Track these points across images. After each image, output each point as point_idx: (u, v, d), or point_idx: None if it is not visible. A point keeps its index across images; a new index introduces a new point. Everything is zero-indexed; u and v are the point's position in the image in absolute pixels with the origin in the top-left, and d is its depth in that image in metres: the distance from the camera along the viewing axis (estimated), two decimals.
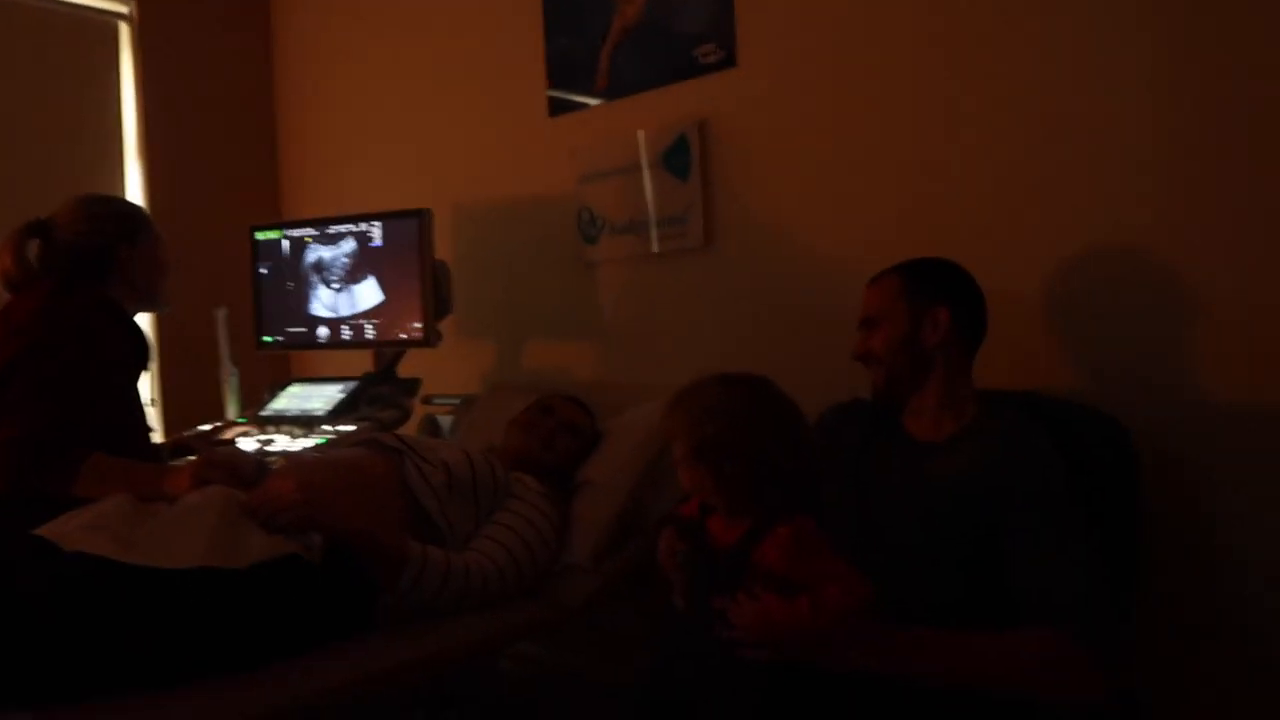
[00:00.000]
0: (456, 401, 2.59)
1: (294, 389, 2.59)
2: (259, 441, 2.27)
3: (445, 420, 2.59)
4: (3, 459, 1.61)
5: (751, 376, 1.32)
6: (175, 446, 2.10)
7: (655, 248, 2.29)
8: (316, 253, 2.58)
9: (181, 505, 1.47)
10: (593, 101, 2.42)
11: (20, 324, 1.76)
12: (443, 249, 2.52)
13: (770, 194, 2.11)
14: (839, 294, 1.98)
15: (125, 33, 3.01)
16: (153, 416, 2.13)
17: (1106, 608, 1.25)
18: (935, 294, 1.50)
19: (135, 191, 2.99)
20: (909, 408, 1.51)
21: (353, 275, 2.54)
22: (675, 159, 2.24)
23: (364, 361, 2.64)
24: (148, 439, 1.93)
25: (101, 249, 1.87)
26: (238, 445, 2.22)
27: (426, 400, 2.64)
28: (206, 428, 2.44)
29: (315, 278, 2.58)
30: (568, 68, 2.47)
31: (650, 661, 1.33)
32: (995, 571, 1.32)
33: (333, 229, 2.56)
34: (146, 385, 2.04)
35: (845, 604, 1.18)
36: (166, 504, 1.52)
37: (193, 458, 1.81)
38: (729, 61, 2.14)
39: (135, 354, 1.86)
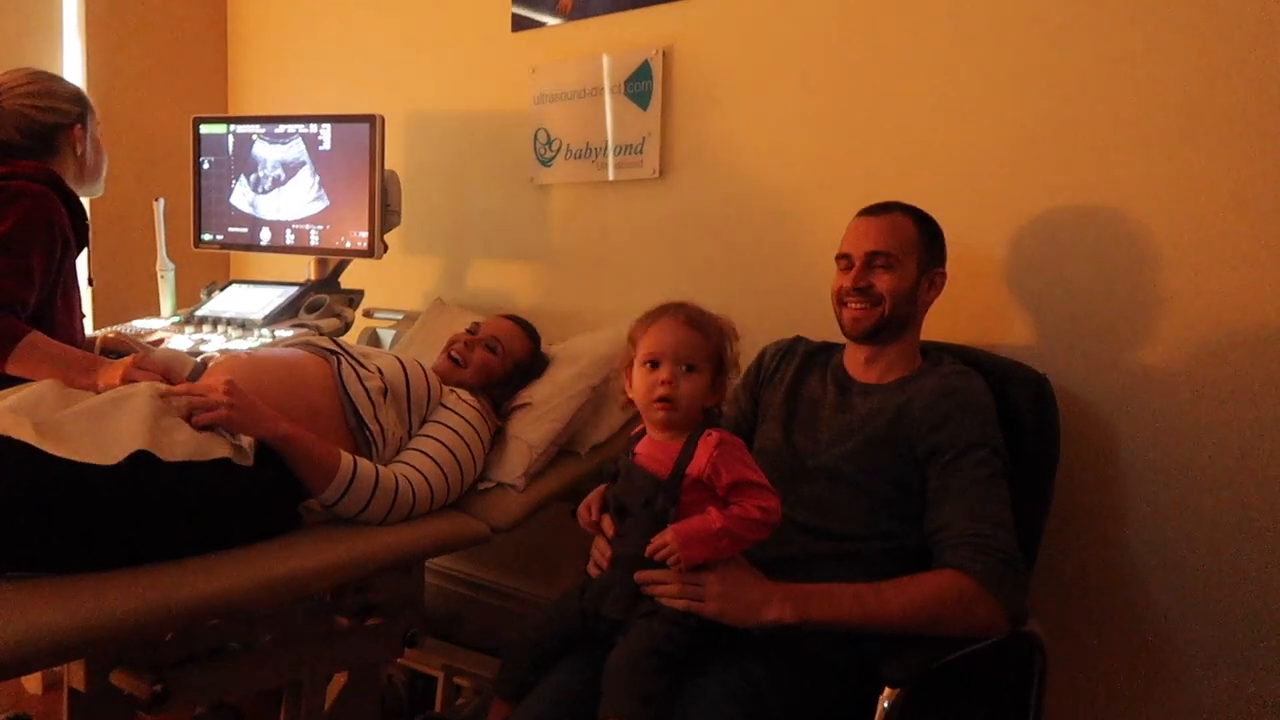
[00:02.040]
0: (399, 316, 2.57)
1: (233, 290, 2.54)
2: (194, 340, 2.23)
3: (387, 335, 2.57)
4: None
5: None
6: (106, 349, 2.06)
7: (610, 175, 2.28)
8: (265, 151, 2.51)
9: (108, 396, 1.44)
10: (556, 21, 2.37)
11: None
12: (392, 159, 2.47)
13: (729, 129, 2.10)
14: (791, 233, 2.01)
15: None
16: (87, 299, 2.08)
17: (1016, 553, 1.31)
18: (940, 253, 1.53)
19: (74, 69, 2.86)
20: (863, 353, 1.53)
21: (281, 180, 2.48)
22: (637, 86, 2.21)
23: (304, 268, 2.60)
24: (81, 323, 1.90)
25: (56, 126, 1.83)
26: (171, 346, 2.18)
27: (368, 314, 2.61)
28: (140, 324, 2.39)
29: (270, 177, 2.51)
30: None
31: (578, 589, 1.36)
32: (909, 499, 1.39)
33: (281, 128, 2.49)
34: (83, 266, 1.99)
35: (749, 514, 1.24)
36: (94, 393, 1.49)
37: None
38: None
39: (76, 228, 1.82)
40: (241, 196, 2.54)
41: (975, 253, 1.74)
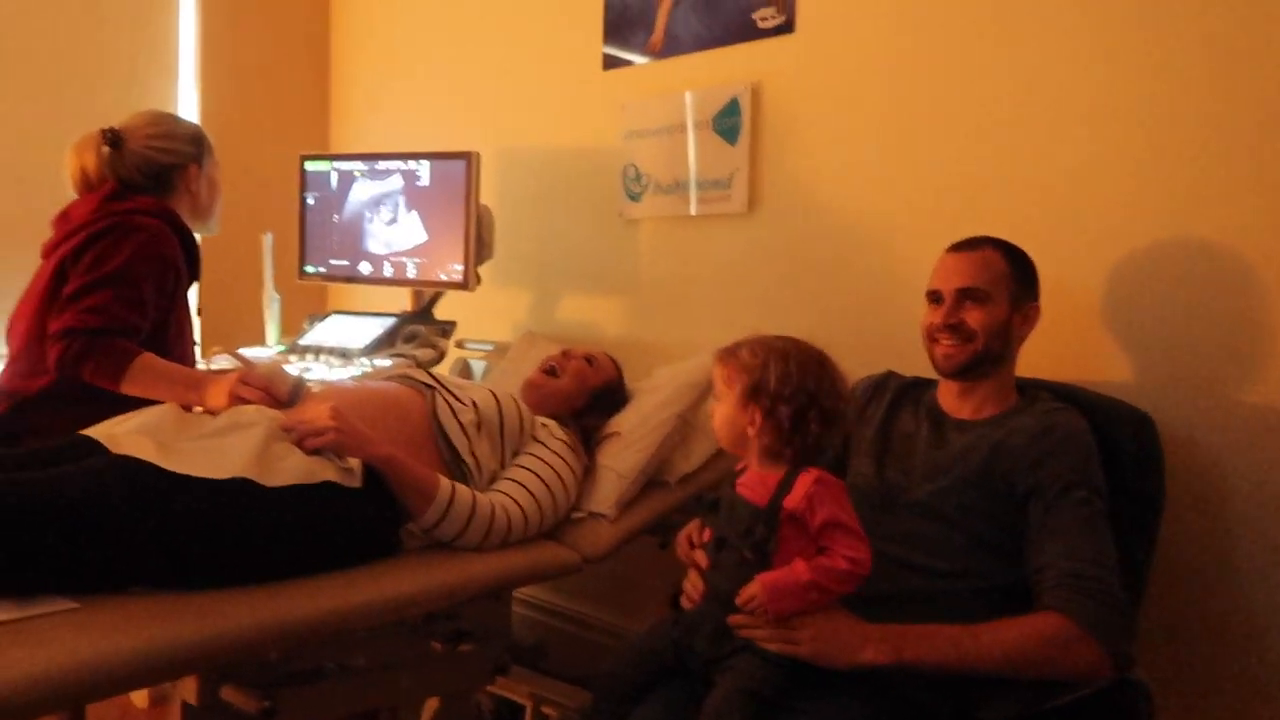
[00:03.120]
0: (489, 347, 2.63)
1: (333, 320, 2.63)
2: (299, 369, 2.32)
3: (478, 365, 2.63)
4: (56, 349, 1.67)
5: (786, 336, 1.37)
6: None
7: (698, 210, 2.30)
8: (367, 188, 2.61)
9: (225, 420, 1.51)
10: (647, 60, 2.42)
11: (80, 221, 1.82)
12: (486, 194, 2.54)
13: (818, 165, 2.11)
14: (880, 271, 2.00)
15: None
16: (197, 327, 2.19)
17: (1118, 595, 1.27)
18: (1033, 287, 1.51)
19: (190, 111, 3.03)
20: (957, 388, 1.52)
21: (393, 219, 2.57)
22: (725, 122, 2.24)
23: (398, 299, 2.68)
24: (192, 349, 1.99)
25: (173, 166, 1.94)
26: (279, 365, 2.27)
27: (460, 344, 2.68)
28: (246, 352, 2.49)
29: (371, 212, 2.61)
30: (624, 24, 2.46)
31: (670, 621, 1.37)
32: (1005, 538, 1.36)
33: (381, 165, 2.59)
34: (193, 298, 2.10)
35: (837, 566, 1.23)
36: (211, 417, 1.57)
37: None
38: (787, 27, 2.13)
39: (189, 262, 1.92)
40: (350, 229, 2.64)
41: (1073, 288, 1.71)
